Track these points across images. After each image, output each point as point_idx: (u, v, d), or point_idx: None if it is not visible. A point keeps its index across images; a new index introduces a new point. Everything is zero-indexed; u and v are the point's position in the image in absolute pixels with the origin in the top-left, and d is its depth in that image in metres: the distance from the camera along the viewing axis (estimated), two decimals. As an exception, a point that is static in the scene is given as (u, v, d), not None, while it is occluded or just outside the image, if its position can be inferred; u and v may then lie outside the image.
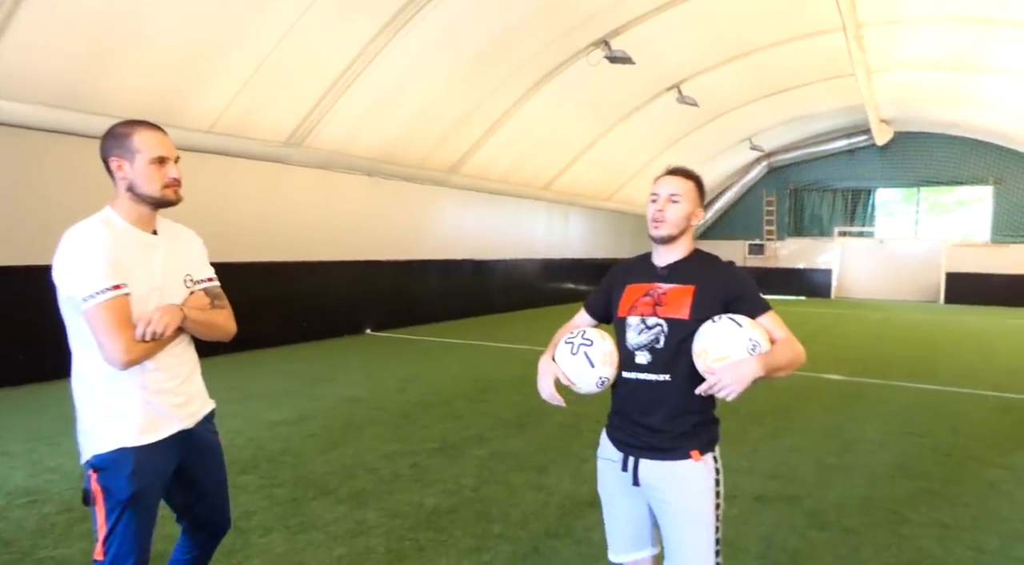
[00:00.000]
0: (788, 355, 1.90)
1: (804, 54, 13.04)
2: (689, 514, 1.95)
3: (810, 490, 4.11)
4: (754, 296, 1.99)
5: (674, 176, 2.06)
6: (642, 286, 2.05)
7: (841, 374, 8.00)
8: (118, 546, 1.90)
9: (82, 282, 1.83)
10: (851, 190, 20.59)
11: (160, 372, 1.95)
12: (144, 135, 1.94)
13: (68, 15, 6.06)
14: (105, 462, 1.89)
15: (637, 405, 2.01)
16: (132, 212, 1.97)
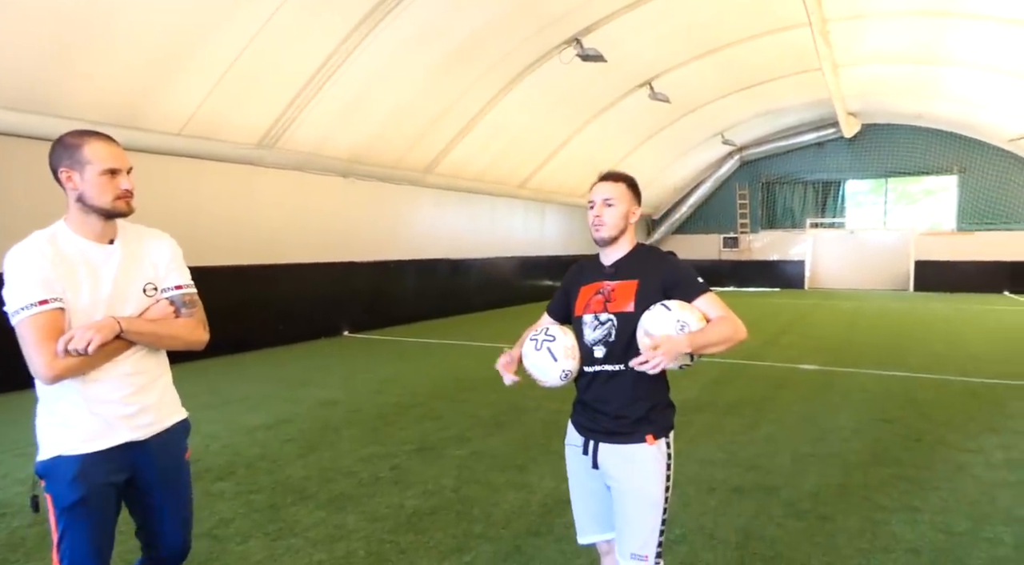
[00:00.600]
0: (721, 332, 2.02)
1: (772, 49, 13.22)
2: (640, 495, 2.07)
3: (787, 480, 4.17)
4: (688, 281, 2.11)
5: (606, 181, 2.22)
6: (593, 285, 2.20)
7: (815, 364, 8.13)
8: (69, 554, 1.89)
9: (12, 297, 1.82)
10: (821, 182, 20.93)
11: (103, 383, 1.91)
12: (95, 146, 1.90)
13: (30, 12, 5.91)
14: (47, 469, 1.89)
15: (597, 394, 2.15)
16: (83, 224, 1.93)
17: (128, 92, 7.22)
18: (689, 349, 1.97)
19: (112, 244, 1.97)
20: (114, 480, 1.95)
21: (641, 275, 2.13)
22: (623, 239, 2.20)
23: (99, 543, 1.92)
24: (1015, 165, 18.43)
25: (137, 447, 1.98)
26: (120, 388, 1.94)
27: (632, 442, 2.08)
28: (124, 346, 1.92)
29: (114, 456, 1.94)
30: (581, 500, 2.25)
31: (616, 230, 2.18)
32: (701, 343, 1.99)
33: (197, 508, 3.72)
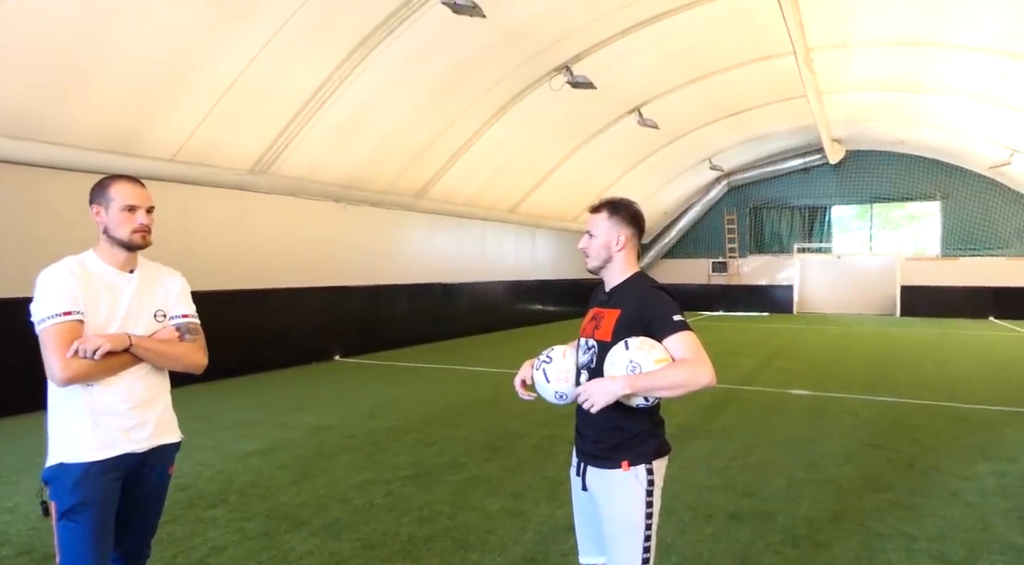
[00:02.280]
0: (673, 377, 1.99)
1: (758, 77, 13.50)
2: (618, 521, 2.10)
3: (783, 506, 4.18)
4: (662, 319, 2.08)
5: (590, 212, 2.27)
6: (594, 310, 2.27)
7: (806, 389, 8.18)
8: (67, 558, 2.05)
9: (40, 308, 2.06)
10: (808, 207, 21.21)
11: (109, 394, 2.10)
12: (119, 186, 2.20)
13: (25, 42, 5.94)
14: (51, 475, 2.09)
15: (581, 418, 2.23)
16: (108, 253, 2.20)
17: (123, 119, 7.25)
18: (627, 391, 1.98)
19: (132, 273, 2.24)
20: (113, 487, 2.11)
21: (624, 306, 2.15)
22: (613, 267, 2.22)
23: (97, 545, 2.07)
24: (997, 192, 18.79)
25: (134, 458, 2.16)
26: (124, 400, 2.12)
27: (610, 467, 2.12)
28: (132, 361, 2.14)
29: (114, 465, 2.11)
30: (579, 521, 2.31)
31: (599, 260, 2.22)
32: (645, 387, 1.98)
33: (188, 536, 3.72)
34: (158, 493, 2.28)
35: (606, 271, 2.24)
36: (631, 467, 2.09)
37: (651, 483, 2.11)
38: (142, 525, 2.27)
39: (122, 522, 2.18)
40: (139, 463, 2.17)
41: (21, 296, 6.61)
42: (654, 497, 2.11)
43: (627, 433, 2.12)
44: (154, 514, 2.30)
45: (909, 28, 11.26)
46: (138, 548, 2.29)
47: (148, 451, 2.19)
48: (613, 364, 2.05)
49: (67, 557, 2.05)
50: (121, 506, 2.16)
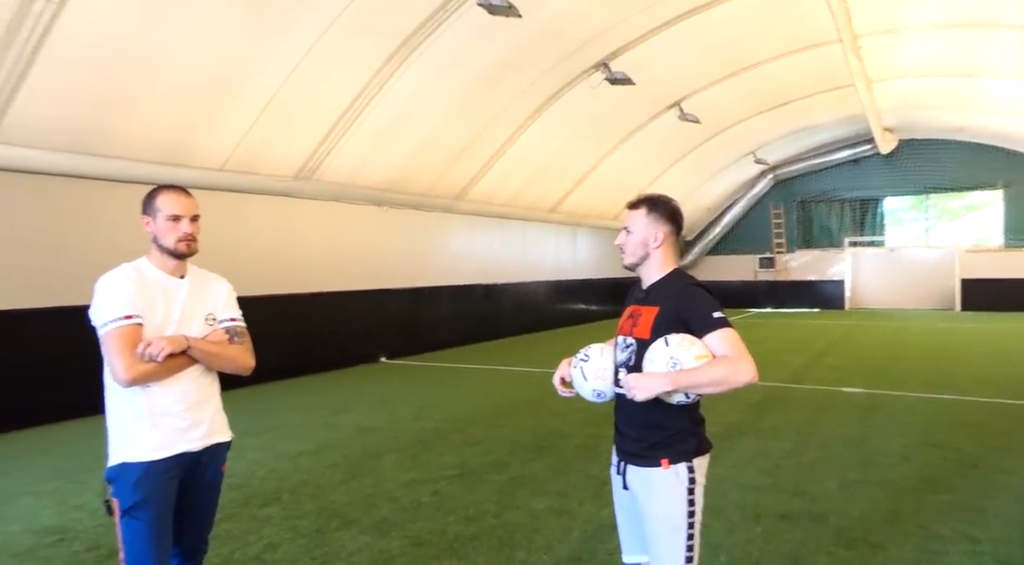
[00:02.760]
0: (713, 374, 1.98)
1: (803, 67, 13.15)
2: (660, 519, 2.09)
3: (835, 506, 4.07)
4: (701, 315, 2.07)
5: (628, 208, 2.28)
6: (631, 308, 2.26)
7: (859, 387, 7.93)
8: (130, 553, 2.14)
9: (101, 313, 2.16)
10: (859, 200, 20.55)
11: (166, 396, 2.19)
12: (164, 196, 2.28)
13: (81, 63, 6.21)
14: (113, 474, 2.18)
15: (621, 416, 2.22)
16: (159, 260, 2.30)
17: (173, 131, 7.51)
18: (668, 388, 1.98)
19: (183, 279, 2.33)
20: (171, 485, 2.21)
21: (662, 303, 2.13)
22: (650, 264, 2.21)
23: (158, 540, 2.17)
24: (1063, 178, 17.88)
25: (190, 457, 2.25)
26: (180, 401, 2.22)
27: (650, 465, 2.11)
28: (188, 362, 2.23)
29: (172, 464, 2.20)
30: (621, 520, 2.29)
31: (635, 257, 2.21)
32: (686, 384, 1.98)
33: (244, 533, 3.82)
34: (213, 490, 2.37)
35: (643, 268, 2.22)
36: (671, 465, 2.08)
37: (692, 481, 2.09)
38: (199, 521, 2.36)
39: (180, 518, 2.27)
40: (194, 462, 2.26)
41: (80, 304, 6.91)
42: (696, 495, 2.09)
43: (667, 431, 2.10)
44: (210, 510, 2.39)
45: (960, 10, 10.81)
46: (196, 543, 2.37)
47: (202, 450, 2.27)
48: (653, 361, 2.04)
49: (130, 552, 2.14)
50: (179, 503, 2.25)
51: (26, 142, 6.39)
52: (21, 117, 6.20)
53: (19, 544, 3.78)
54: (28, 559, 3.58)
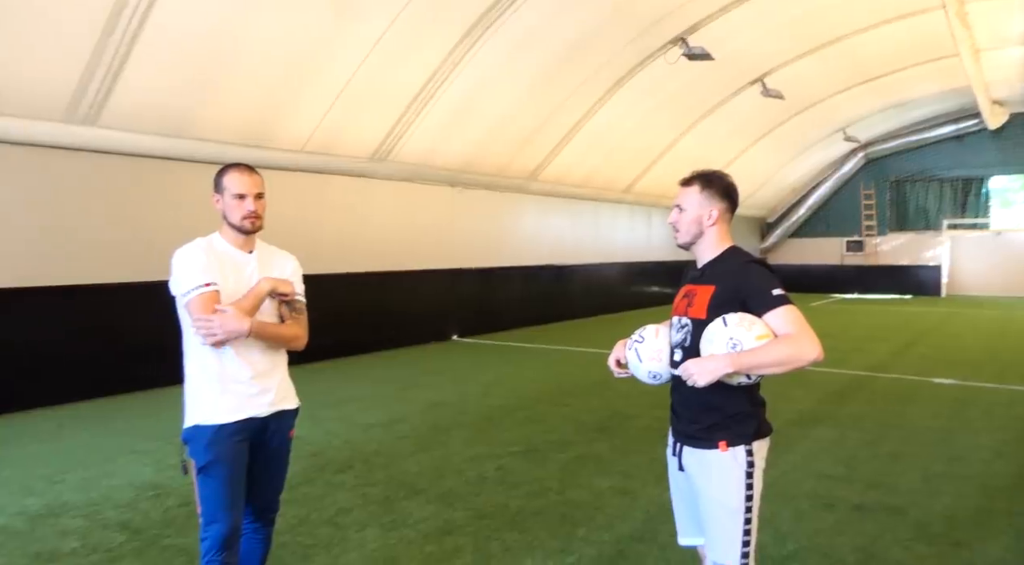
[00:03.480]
0: (777, 354, 1.93)
1: (899, 37, 12.31)
2: (715, 502, 2.06)
3: (915, 500, 3.88)
4: (761, 293, 2.01)
5: (680, 186, 2.23)
6: (686, 287, 2.22)
7: (951, 378, 7.47)
8: (206, 508, 2.29)
9: (183, 282, 2.30)
10: (960, 179, 19.14)
11: (236, 364, 2.32)
12: (231, 175, 2.41)
13: (172, 52, 6.59)
14: (188, 436, 2.33)
15: (678, 398, 2.19)
16: (228, 235, 2.43)
17: (256, 115, 7.86)
18: (730, 370, 1.93)
19: (251, 254, 2.45)
20: (240, 448, 2.33)
21: (718, 282, 2.08)
22: (704, 243, 2.16)
23: (229, 496, 2.31)
24: None
25: (258, 422, 2.37)
26: (247, 371, 2.34)
27: (707, 447, 2.07)
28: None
29: (240, 427, 2.33)
30: (677, 501, 2.28)
31: (689, 235, 2.16)
32: (748, 365, 1.93)
33: (319, 497, 4.02)
34: (281, 454, 2.49)
35: (697, 247, 2.18)
36: (729, 448, 2.04)
37: (751, 465, 2.04)
38: (269, 483, 2.49)
39: (252, 480, 2.40)
40: (262, 427, 2.38)
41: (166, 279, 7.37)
42: (754, 479, 2.04)
43: (725, 412, 2.06)
44: (279, 473, 2.51)
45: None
46: (268, 503, 2.51)
47: (269, 416, 2.39)
48: (711, 341, 1.99)
49: (206, 507, 2.29)
50: (250, 466, 2.38)
51: (124, 127, 6.84)
52: (120, 104, 6.65)
53: (121, 497, 4.14)
54: (128, 510, 3.91)
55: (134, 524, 3.70)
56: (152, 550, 3.38)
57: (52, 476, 4.52)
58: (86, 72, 6.19)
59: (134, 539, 3.51)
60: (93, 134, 6.65)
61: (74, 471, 4.63)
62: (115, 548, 3.42)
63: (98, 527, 3.67)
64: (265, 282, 2.37)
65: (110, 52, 6.14)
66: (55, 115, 6.39)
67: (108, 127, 6.72)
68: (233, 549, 2.31)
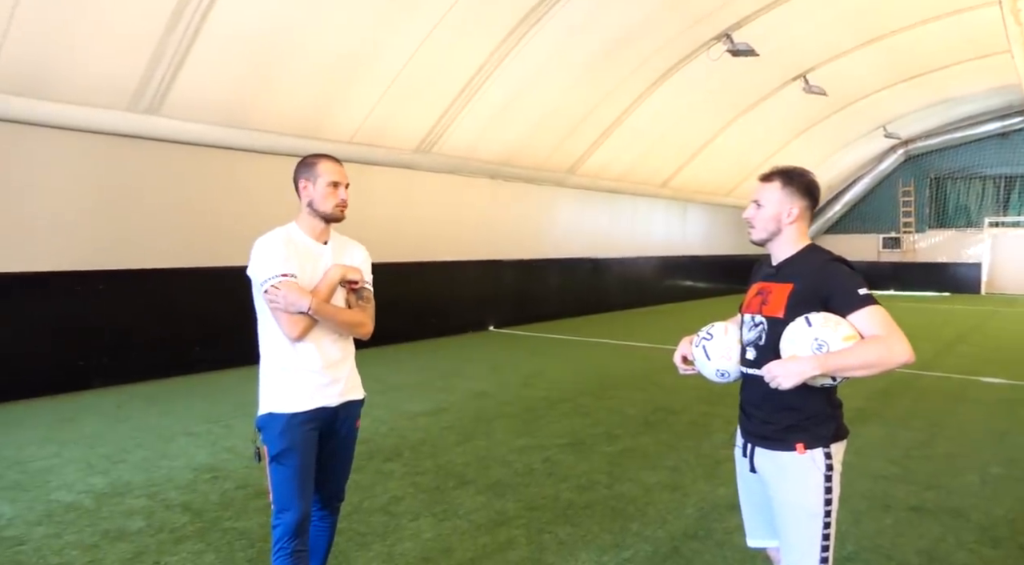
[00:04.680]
0: (866, 355, 1.86)
1: (948, 33, 12.00)
2: (793, 506, 2.00)
3: (976, 502, 3.83)
4: (846, 292, 1.95)
5: (760, 181, 2.15)
6: (759, 285, 2.16)
7: (1000, 377, 7.32)
8: (278, 496, 2.31)
9: (263, 271, 2.30)
10: (1004, 176, 18.68)
11: (309, 354, 2.34)
12: (326, 164, 2.42)
13: (231, 46, 6.74)
14: (263, 423, 2.35)
15: (750, 397, 2.12)
16: (308, 225, 2.42)
17: (309, 106, 7.98)
18: (817, 372, 1.85)
19: (326, 244, 2.46)
20: (311, 436, 2.35)
21: (798, 279, 2.02)
22: (782, 240, 2.10)
23: (302, 484, 2.33)
24: None
25: (328, 411, 2.39)
26: (320, 361, 2.36)
27: (782, 449, 2.00)
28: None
29: (312, 416, 2.34)
30: (746, 503, 2.23)
31: (766, 232, 2.10)
32: (835, 367, 1.86)
33: (371, 485, 4.09)
34: (348, 443, 2.50)
35: (774, 244, 2.12)
36: (807, 450, 1.97)
37: (830, 468, 1.98)
38: (337, 471, 2.51)
39: (321, 468, 2.42)
40: (332, 416, 2.39)
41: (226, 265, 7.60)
42: (833, 482, 1.98)
43: (803, 414, 1.99)
44: (346, 462, 2.54)
45: None
46: (335, 491, 2.53)
47: (339, 406, 2.40)
48: (793, 342, 1.92)
49: (278, 494, 2.30)
50: (319, 455, 2.39)
51: (185, 117, 7.02)
52: (182, 95, 6.82)
53: (181, 478, 4.25)
54: (189, 492, 4.01)
55: (195, 505, 3.79)
56: (214, 532, 3.46)
57: (113, 455, 4.66)
58: (150, 64, 6.37)
59: (196, 520, 3.60)
60: (155, 123, 6.84)
61: (134, 451, 4.76)
62: (179, 528, 3.51)
63: (161, 507, 3.77)
64: (335, 269, 2.38)
65: (173, 45, 6.31)
66: (120, 104, 6.57)
67: (170, 117, 6.91)
68: (303, 537, 2.34)
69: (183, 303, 7.37)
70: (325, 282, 2.36)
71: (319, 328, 2.34)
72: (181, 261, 7.34)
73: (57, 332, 6.52)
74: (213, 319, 7.44)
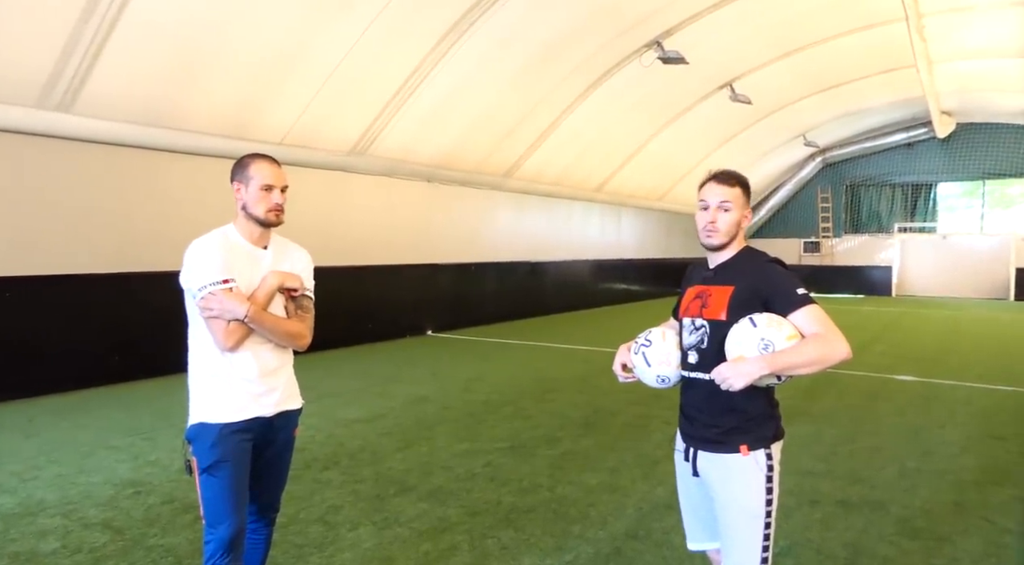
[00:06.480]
0: (810, 353, 1.91)
1: (860, 47, 12.75)
2: (736, 507, 2.01)
3: (895, 495, 4.03)
4: (786, 293, 1.99)
5: (722, 184, 2.11)
6: (696, 288, 2.16)
7: (912, 375, 7.78)
8: (210, 510, 2.21)
9: (198, 278, 2.17)
10: (911, 184, 19.95)
11: (245, 362, 2.23)
12: (258, 165, 2.29)
13: (153, 40, 6.40)
14: (193, 434, 2.24)
15: (692, 401, 2.13)
16: (245, 229, 2.32)
17: (237, 106, 7.68)
18: (766, 372, 1.88)
19: (266, 249, 2.35)
20: (245, 447, 2.25)
21: (738, 281, 2.05)
22: (731, 244, 2.12)
23: (234, 497, 2.23)
24: None
25: (263, 421, 2.29)
26: (255, 369, 2.26)
27: (725, 451, 2.02)
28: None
29: (246, 427, 2.25)
30: (687, 507, 2.22)
31: (728, 237, 2.09)
32: (783, 365, 1.89)
33: (308, 495, 3.97)
34: (285, 454, 2.42)
35: (723, 248, 2.12)
36: (751, 451, 2.00)
37: (771, 469, 2.01)
38: (273, 482, 2.42)
39: (256, 479, 2.33)
40: (267, 426, 2.30)
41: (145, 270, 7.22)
42: (774, 483, 2.01)
43: (746, 415, 2.02)
44: (282, 472, 2.45)
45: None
46: (270, 502, 2.45)
47: (275, 416, 2.31)
48: (740, 343, 1.95)
49: (209, 508, 2.20)
50: (254, 465, 2.31)
51: (100, 114, 6.61)
52: (96, 92, 6.42)
53: (101, 494, 4.00)
54: (110, 509, 3.78)
55: (116, 523, 3.59)
56: (138, 550, 3.28)
57: (24, 473, 4.35)
58: (62, 57, 5.96)
59: (118, 538, 3.40)
60: (67, 121, 6.41)
61: (47, 468, 4.46)
62: (99, 548, 3.31)
63: (78, 526, 3.55)
64: (273, 276, 2.28)
65: (87, 36, 5.92)
66: (27, 100, 6.13)
67: (84, 115, 6.49)
68: (238, 551, 2.24)
69: (97, 310, 6.94)
70: (263, 289, 2.25)
71: (256, 335, 2.24)
72: (98, 266, 6.92)
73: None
74: (130, 326, 7.04)
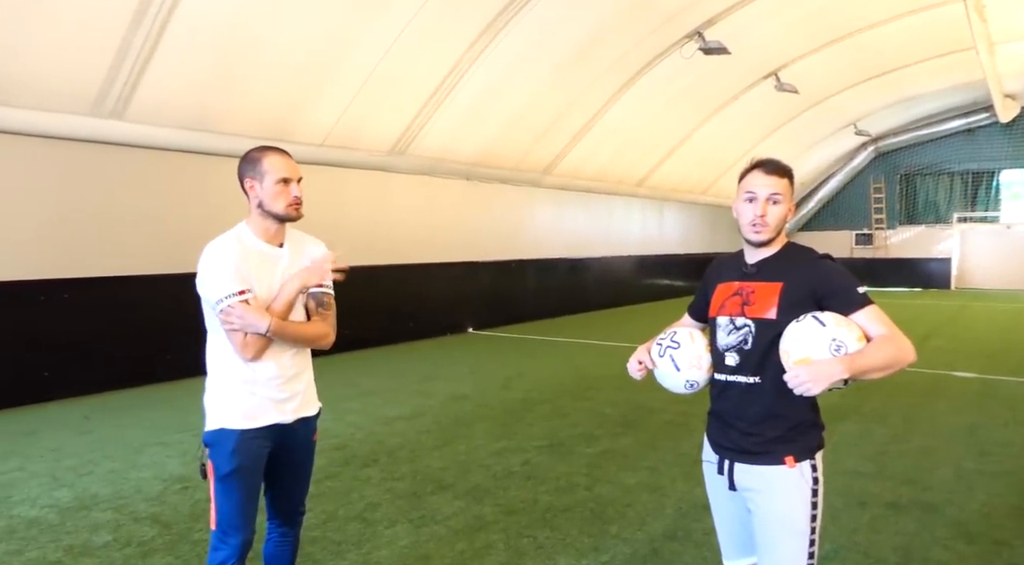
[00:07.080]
0: (884, 355, 1.76)
1: (914, 31, 12.21)
2: (780, 522, 1.86)
3: (950, 497, 3.86)
4: (846, 291, 1.86)
5: (772, 174, 1.95)
6: (732, 285, 1.99)
7: (971, 371, 7.44)
8: (225, 518, 2.16)
9: (213, 290, 2.12)
10: (971, 172, 19.07)
11: (267, 368, 2.17)
12: (272, 158, 2.19)
13: (197, 46, 6.59)
14: (211, 439, 2.18)
15: (729, 407, 1.96)
16: (260, 227, 2.22)
17: (279, 109, 7.86)
18: (846, 375, 1.72)
19: (282, 247, 2.26)
20: (262, 454, 2.21)
21: (787, 278, 1.89)
22: (777, 238, 1.97)
23: (247, 506, 2.19)
24: None
25: (283, 428, 2.24)
26: (277, 375, 2.20)
27: (769, 463, 1.87)
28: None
29: (265, 433, 2.20)
30: (722, 522, 2.09)
31: (776, 231, 1.93)
32: (861, 368, 1.73)
33: (346, 492, 4.02)
34: (306, 459, 2.38)
35: (771, 243, 1.96)
36: (797, 463, 1.85)
37: (816, 481, 1.86)
38: (295, 488, 2.38)
39: (277, 484, 2.30)
40: (285, 433, 2.25)
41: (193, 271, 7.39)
42: (819, 497, 1.86)
43: (789, 422, 1.86)
44: (305, 477, 2.41)
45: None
46: (294, 506, 2.40)
47: (294, 422, 2.26)
48: (806, 343, 1.76)
49: (223, 517, 2.16)
50: (274, 470, 2.27)
51: (149, 120, 6.85)
52: (145, 98, 6.66)
53: (151, 489, 4.14)
54: (158, 503, 3.91)
55: (164, 518, 3.69)
56: (183, 544, 3.37)
57: (80, 468, 4.53)
58: (113, 65, 6.19)
59: (165, 533, 3.51)
60: (119, 128, 6.67)
61: (102, 463, 4.64)
62: (147, 541, 3.41)
63: (129, 520, 3.67)
64: (293, 282, 2.20)
65: (136, 47, 6.14)
66: (82, 108, 6.39)
67: (134, 121, 6.75)
68: (244, 559, 2.21)
69: (149, 311, 7.18)
70: (282, 299, 2.18)
71: (277, 343, 2.18)
72: (148, 268, 7.17)
73: (17, 342, 6.32)
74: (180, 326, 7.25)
